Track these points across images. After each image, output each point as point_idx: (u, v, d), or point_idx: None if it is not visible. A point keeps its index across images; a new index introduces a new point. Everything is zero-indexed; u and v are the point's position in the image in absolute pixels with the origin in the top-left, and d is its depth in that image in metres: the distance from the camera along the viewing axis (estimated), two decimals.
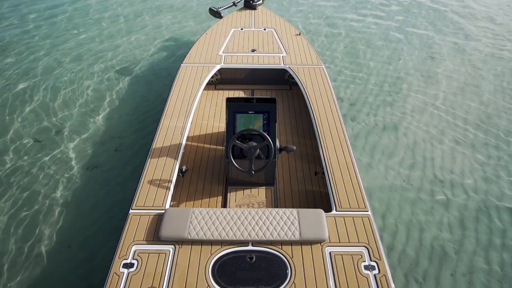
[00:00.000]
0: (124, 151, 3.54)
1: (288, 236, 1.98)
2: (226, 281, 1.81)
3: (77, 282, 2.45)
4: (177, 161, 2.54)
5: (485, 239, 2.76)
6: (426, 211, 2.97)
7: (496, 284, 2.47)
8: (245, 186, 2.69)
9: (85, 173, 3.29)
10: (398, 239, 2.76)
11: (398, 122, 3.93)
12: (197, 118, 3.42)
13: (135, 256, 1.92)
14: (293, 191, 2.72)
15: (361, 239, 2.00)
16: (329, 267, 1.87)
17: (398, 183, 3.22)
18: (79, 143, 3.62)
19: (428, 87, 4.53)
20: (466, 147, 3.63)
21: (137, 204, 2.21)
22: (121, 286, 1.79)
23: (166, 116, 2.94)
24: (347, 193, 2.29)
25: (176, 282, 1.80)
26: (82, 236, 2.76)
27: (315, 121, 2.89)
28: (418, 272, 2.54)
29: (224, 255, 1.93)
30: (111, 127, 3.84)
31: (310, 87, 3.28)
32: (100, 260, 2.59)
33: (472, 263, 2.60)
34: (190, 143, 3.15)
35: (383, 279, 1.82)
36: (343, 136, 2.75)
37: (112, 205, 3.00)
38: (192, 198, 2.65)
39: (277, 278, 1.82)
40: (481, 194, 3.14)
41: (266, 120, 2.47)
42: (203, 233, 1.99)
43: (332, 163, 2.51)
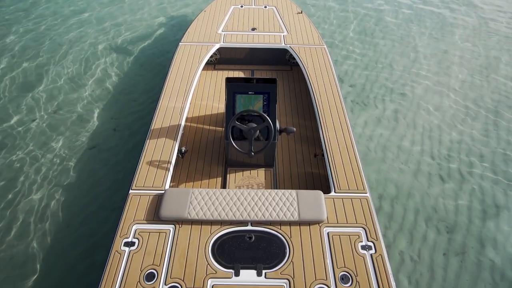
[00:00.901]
0: (123, 131, 3.51)
1: (287, 217, 2.00)
2: (226, 260, 1.85)
3: (80, 260, 2.51)
4: (176, 141, 2.53)
5: (478, 221, 2.83)
6: (422, 193, 3.01)
7: (487, 263, 2.55)
8: (245, 168, 2.70)
9: (84, 153, 3.28)
10: (394, 218, 2.82)
11: (399, 104, 3.90)
12: (196, 98, 3.37)
13: (136, 235, 1.95)
14: (292, 172, 2.73)
15: (359, 220, 2.04)
16: (326, 246, 1.91)
17: (396, 165, 3.24)
18: (77, 123, 3.58)
19: (431, 68, 4.46)
20: (466, 131, 3.63)
21: (136, 185, 2.22)
22: (123, 264, 1.83)
23: (164, 96, 2.89)
24: (346, 175, 2.30)
25: (176, 260, 1.84)
26: (83, 214, 2.79)
27: (316, 102, 2.86)
28: (413, 250, 2.61)
29: (223, 234, 1.96)
30: (109, 107, 3.78)
31: (311, 67, 3.21)
32: (102, 238, 2.63)
33: (464, 243, 2.67)
34: (189, 124, 3.12)
35: (379, 258, 1.86)
36: (343, 118, 2.72)
37: (111, 185, 3.01)
38: (192, 179, 2.66)
39: (275, 257, 1.87)
40: (476, 177, 3.17)
41: (266, 101, 2.44)
42: (203, 213, 2.02)
43: (332, 144, 2.51)
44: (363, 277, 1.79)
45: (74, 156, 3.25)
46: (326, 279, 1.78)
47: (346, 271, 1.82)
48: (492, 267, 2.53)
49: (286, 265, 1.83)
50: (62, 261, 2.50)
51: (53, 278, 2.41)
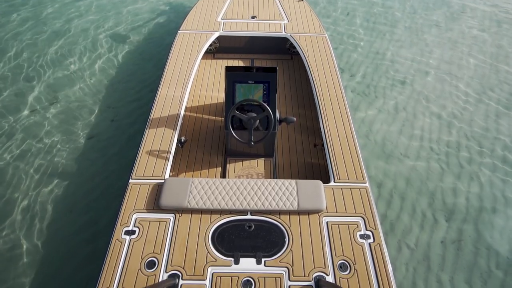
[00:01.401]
0: (121, 120, 3.49)
1: (287, 206, 2.01)
2: (226, 248, 1.87)
3: (81, 246, 2.53)
4: (175, 131, 2.52)
5: (475, 209, 2.85)
6: (420, 181, 3.03)
7: (484, 252, 2.58)
8: (244, 158, 2.70)
9: (83, 142, 3.27)
10: (392, 207, 2.84)
11: (400, 93, 3.87)
12: (195, 87, 3.34)
13: (136, 223, 1.96)
14: (292, 162, 2.74)
15: (358, 210, 2.05)
16: (325, 235, 1.93)
17: (396, 155, 3.24)
18: (75, 112, 3.56)
19: (433, 57, 4.41)
20: (464, 120, 3.62)
21: (136, 174, 2.22)
22: (124, 252, 1.85)
23: (163, 86, 2.87)
24: (346, 165, 2.30)
25: (177, 249, 1.86)
26: (84, 202, 2.80)
27: (316, 92, 2.83)
28: (410, 239, 2.64)
29: (223, 223, 1.98)
30: (107, 96, 3.75)
31: (312, 57, 3.17)
32: (103, 226, 2.65)
33: (461, 231, 2.70)
34: (188, 113, 3.11)
35: (378, 247, 1.89)
36: (343, 107, 2.71)
37: (111, 174, 3.02)
38: (192, 168, 2.66)
39: (275, 246, 1.89)
40: (474, 165, 3.18)
41: (266, 91, 2.41)
42: (203, 202, 2.03)
43: (332, 134, 2.50)
44: (361, 265, 1.82)
45: (73, 146, 3.24)
46: (325, 267, 1.81)
47: (344, 260, 1.84)
48: (488, 256, 2.57)
49: (285, 253, 1.86)
50: (64, 248, 2.52)
51: (55, 264, 2.44)
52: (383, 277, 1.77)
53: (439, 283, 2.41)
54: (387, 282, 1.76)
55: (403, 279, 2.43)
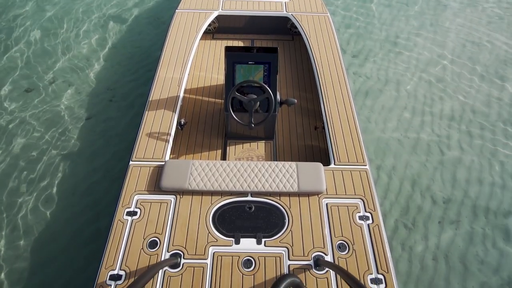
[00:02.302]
0: (120, 102, 3.46)
1: (287, 188, 2.03)
2: (226, 229, 1.90)
3: (84, 227, 2.58)
4: (175, 113, 2.49)
5: (474, 191, 2.88)
6: (420, 164, 3.04)
7: (479, 231, 2.63)
8: (245, 140, 2.69)
9: (82, 124, 3.25)
10: (391, 189, 2.86)
11: (401, 75, 3.81)
12: (194, 69, 3.28)
13: (138, 205, 1.98)
14: (292, 145, 2.73)
15: (358, 192, 2.07)
16: (325, 217, 1.95)
17: (396, 137, 3.23)
18: (73, 94, 3.51)
19: (437, 38, 4.30)
20: (468, 103, 3.58)
21: (136, 156, 2.22)
22: (126, 232, 1.88)
23: (162, 67, 2.81)
24: (346, 147, 2.30)
25: (178, 229, 1.89)
26: (85, 184, 2.83)
27: (318, 74, 2.78)
28: (408, 219, 2.69)
29: (224, 205, 2.00)
30: (104, 77, 3.69)
31: (313, 37, 3.09)
32: (105, 207, 2.69)
33: (459, 212, 2.74)
34: (188, 95, 3.07)
35: (376, 228, 1.92)
36: (345, 89, 2.67)
37: (112, 155, 3.02)
38: (192, 151, 2.66)
39: (275, 227, 1.92)
40: (476, 149, 3.18)
41: (266, 72, 2.37)
42: (203, 184, 2.04)
43: (333, 117, 2.48)
44: (360, 245, 1.85)
45: (72, 127, 3.23)
46: (324, 247, 1.84)
47: (343, 240, 1.87)
48: (484, 235, 2.62)
49: (285, 234, 1.89)
50: (68, 228, 2.57)
51: (59, 244, 2.49)
52: (381, 257, 1.81)
53: (434, 261, 2.47)
54: (384, 261, 1.80)
55: (400, 258, 2.49)
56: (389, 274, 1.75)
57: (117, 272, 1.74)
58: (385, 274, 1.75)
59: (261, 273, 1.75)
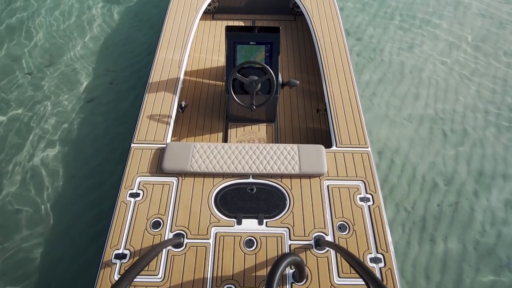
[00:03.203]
0: (120, 84, 3.42)
1: (288, 170, 2.03)
2: (228, 210, 1.93)
3: (86, 210, 2.62)
4: (175, 95, 2.47)
5: (476, 175, 2.88)
6: (422, 147, 3.03)
7: (479, 213, 2.66)
8: (246, 123, 2.67)
9: (82, 105, 3.24)
10: (392, 172, 2.87)
11: (406, 58, 3.73)
12: (194, 51, 3.22)
13: (140, 187, 2.00)
14: (294, 128, 2.72)
15: (359, 174, 2.07)
16: (326, 198, 1.97)
17: (399, 120, 3.21)
18: (73, 76, 3.47)
19: (443, 20, 4.17)
20: (473, 87, 3.52)
21: (138, 138, 2.22)
22: (129, 213, 1.90)
23: (161, 49, 2.76)
24: (348, 130, 2.28)
25: (181, 210, 1.92)
26: (88, 166, 2.85)
27: (320, 55, 2.73)
28: (408, 201, 2.71)
29: (225, 186, 2.01)
30: (104, 59, 3.63)
31: (316, 17, 3.00)
32: (108, 189, 2.71)
33: (459, 195, 2.76)
34: (188, 77, 3.02)
35: (376, 209, 1.93)
36: (348, 71, 2.62)
37: (113, 138, 3.02)
38: (193, 133, 2.66)
39: (276, 208, 1.94)
40: (479, 131, 3.16)
41: (268, 52, 2.32)
42: (205, 166, 2.04)
43: (335, 99, 2.45)
44: (360, 226, 1.88)
45: (72, 110, 3.21)
46: (325, 228, 1.87)
47: (344, 221, 1.90)
48: (484, 216, 2.64)
49: (286, 215, 1.91)
50: (71, 210, 2.61)
51: (63, 226, 2.54)
52: (380, 237, 1.84)
53: (432, 242, 2.51)
54: (384, 241, 1.82)
55: (399, 239, 2.53)
56: (388, 253, 1.78)
57: (121, 251, 1.78)
58: (384, 253, 1.78)
59: (262, 252, 1.79)
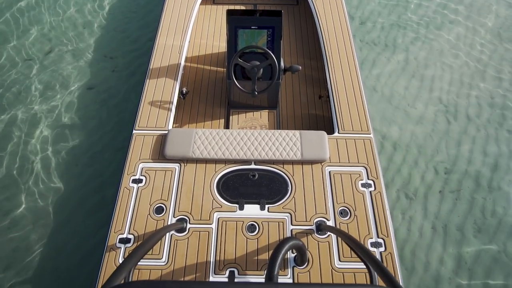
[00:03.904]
0: (120, 71, 3.38)
1: (290, 156, 2.03)
2: (231, 196, 1.94)
3: (89, 196, 2.64)
4: (176, 82, 2.45)
5: (478, 162, 2.87)
6: (425, 135, 3.01)
7: (480, 200, 2.66)
8: (248, 109, 2.66)
9: (83, 93, 3.22)
10: (394, 159, 2.86)
11: (411, 43, 3.66)
12: (195, 37, 3.16)
13: (143, 173, 2.01)
14: (296, 114, 2.70)
15: (361, 160, 2.07)
16: (327, 184, 1.97)
17: (402, 106, 3.18)
18: (72, 62, 3.43)
19: (450, 2, 4.06)
20: (479, 71, 3.46)
21: (139, 125, 2.22)
22: (132, 198, 1.92)
23: (161, 34, 2.72)
24: (351, 116, 2.26)
25: (183, 196, 1.93)
26: (89, 154, 2.85)
27: (323, 40, 2.68)
28: (409, 189, 2.72)
29: (228, 172, 2.02)
30: (103, 45, 3.58)
31: (319, 1, 2.93)
32: (109, 177, 2.73)
33: (461, 182, 2.76)
34: (189, 64, 2.99)
35: (378, 195, 1.94)
36: (351, 57, 2.58)
37: (114, 125, 3.02)
38: (194, 120, 2.65)
39: (278, 193, 1.95)
40: (483, 119, 3.13)
41: (270, 37, 2.27)
42: (207, 152, 2.04)
43: (338, 85, 2.42)
44: (361, 211, 1.89)
45: (72, 97, 3.19)
46: (326, 213, 1.88)
47: (345, 206, 1.91)
48: (484, 205, 2.65)
49: (288, 200, 1.92)
50: (74, 198, 2.63)
51: (66, 212, 2.56)
52: (381, 222, 1.85)
53: (433, 229, 2.53)
54: (385, 227, 1.84)
55: (399, 226, 2.55)
56: (388, 238, 1.80)
57: (126, 236, 1.80)
58: (385, 238, 1.80)
59: (264, 237, 1.81)
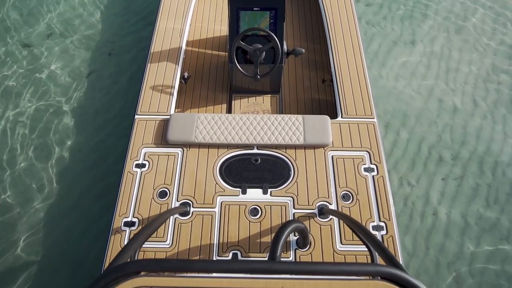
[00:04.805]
0: (120, 55, 3.34)
1: (293, 141, 2.02)
2: (233, 180, 1.95)
3: (94, 182, 2.66)
4: (178, 66, 2.42)
5: (483, 148, 2.84)
6: (430, 120, 2.97)
7: (484, 187, 2.65)
8: (250, 94, 2.63)
9: (82, 80, 3.20)
10: (398, 146, 2.84)
11: (419, 26, 3.56)
12: (196, 20, 3.10)
13: (146, 157, 2.02)
14: (299, 99, 2.67)
15: (364, 145, 2.05)
16: (330, 169, 1.97)
17: (407, 92, 3.12)
18: (71, 47, 3.40)
19: None
20: (489, 55, 3.37)
21: (141, 110, 2.21)
22: (136, 183, 1.93)
23: (161, 17, 2.66)
24: (355, 100, 2.23)
25: (186, 180, 1.94)
26: (91, 141, 2.86)
27: (327, 23, 2.61)
28: (413, 176, 2.70)
29: (230, 157, 2.02)
30: (102, 30, 3.53)
31: None
32: (113, 163, 2.74)
33: (465, 169, 2.73)
34: (190, 48, 2.94)
35: (381, 179, 1.93)
36: (356, 40, 2.52)
37: (116, 112, 3.01)
38: (196, 105, 2.63)
39: (280, 178, 1.95)
40: (490, 104, 3.07)
41: (273, 19, 2.22)
42: (210, 137, 2.04)
43: (342, 68, 2.37)
44: (363, 195, 1.89)
45: (72, 83, 3.17)
46: (328, 197, 1.89)
47: (347, 191, 1.91)
48: (488, 191, 2.63)
49: (290, 184, 1.93)
50: (78, 184, 2.65)
51: (73, 197, 2.60)
52: (383, 206, 1.85)
53: (435, 216, 2.53)
54: (387, 211, 1.84)
55: (400, 212, 2.55)
56: (390, 221, 1.81)
57: (130, 219, 1.83)
58: (387, 221, 1.81)
59: (267, 220, 1.82)
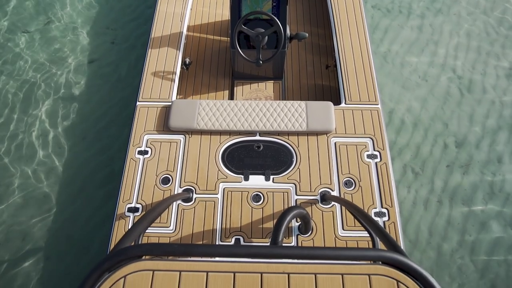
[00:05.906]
0: (121, 43, 3.30)
1: (295, 127, 2.00)
2: (236, 166, 1.94)
3: (99, 169, 2.68)
4: (179, 52, 2.38)
5: (490, 136, 2.79)
6: (436, 107, 2.91)
7: (488, 175, 2.62)
8: (252, 80, 2.59)
9: (84, 68, 3.17)
10: (403, 133, 2.80)
11: (427, 9, 3.44)
12: (197, 4, 3.03)
13: (148, 144, 2.01)
14: (301, 85, 2.62)
15: (367, 131, 2.02)
16: (333, 155, 1.95)
17: (413, 79, 3.06)
18: (72, 35, 3.36)
19: None
20: (499, 39, 3.26)
21: (143, 96, 2.19)
22: (139, 170, 1.94)
23: (162, 1, 2.61)
24: (359, 86, 2.19)
25: (189, 166, 1.94)
26: (94, 129, 2.86)
27: (332, 6, 2.53)
28: (417, 163, 2.68)
29: (232, 144, 2.01)
30: (102, 16, 3.48)
31: None
32: (116, 151, 2.75)
33: (471, 157, 2.70)
34: (191, 33, 2.89)
35: (384, 166, 1.92)
36: (361, 25, 2.45)
37: (118, 101, 2.99)
38: (198, 91, 2.60)
39: (283, 164, 1.94)
40: (499, 91, 2.99)
41: (275, 2, 2.16)
42: (212, 123, 2.03)
43: (346, 54, 2.32)
44: (366, 182, 1.88)
45: (73, 71, 3.15)
46: (331, 184, 1.88)
47: (350, 177, 1.90)
48: (493, 180, 2.60)
49: (293, 171, 1.92)
50: (82, 172, 2.67)
51: (76, 186, 2.61)
52: (386, 192, 1.84)
53: (439, 203, 2.52)
54: (389, 197, 1.83)
55: (404, 200, 2.54)
56: (392, 208, 1.80)
57: (134, 205, 1.84)
58: (389, 208, 1.80)
59: (269, 206, 1.83)
